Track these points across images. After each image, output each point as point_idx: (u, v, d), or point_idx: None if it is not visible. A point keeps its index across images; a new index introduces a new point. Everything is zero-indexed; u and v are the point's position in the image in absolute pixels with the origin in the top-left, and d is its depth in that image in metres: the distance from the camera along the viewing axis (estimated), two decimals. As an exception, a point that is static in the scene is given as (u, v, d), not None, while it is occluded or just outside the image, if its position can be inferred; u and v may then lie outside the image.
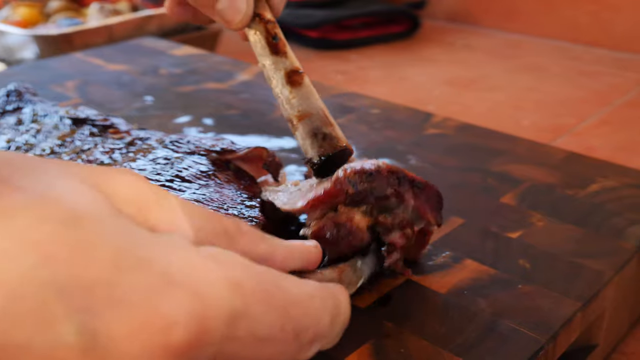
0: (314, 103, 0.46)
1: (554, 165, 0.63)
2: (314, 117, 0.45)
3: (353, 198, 0.41)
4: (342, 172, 0.42)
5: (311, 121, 0.45)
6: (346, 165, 0.43)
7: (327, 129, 0.45)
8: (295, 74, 0.47)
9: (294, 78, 0.47)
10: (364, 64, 1.27)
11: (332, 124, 0.46)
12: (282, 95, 0.47)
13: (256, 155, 0.52)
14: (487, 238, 0.51)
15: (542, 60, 1.29)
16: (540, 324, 0.41)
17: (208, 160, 0.51)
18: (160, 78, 0.89)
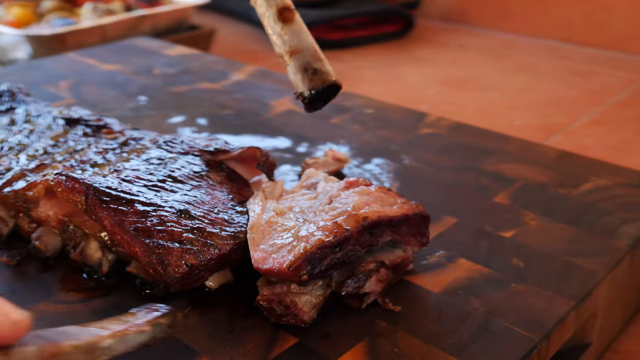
0: (305, 39, 0.45)
1: (547, 164, 0.63)
2: (305, 53, 0.45)
3: (307, 281, 0.41)
4: (303, 247, 0.40)
5: (302, 56, 0.45)
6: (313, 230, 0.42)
7: (317, 64, 0.44)
8: (287, 11, 0.46)
9: (285, 14, 0.46)
10: (358, 64, 1.28)
11: (322, 60, 0.45)
12: (274, 32, 0.46)
13: (250, 155, 0.52)
14: (481, 237, 0.51)
15: (535, 60, 1.30)
16: (533, 323, 0.41)
17: (201, 160, 0.51)
18: (153, 78, 0.89)
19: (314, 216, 0.44)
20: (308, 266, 0.40)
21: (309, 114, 0.75)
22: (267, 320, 0.42)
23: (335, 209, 0.44)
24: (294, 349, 0.40)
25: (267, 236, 0.43)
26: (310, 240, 0.41)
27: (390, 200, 0.45)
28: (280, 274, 0.40)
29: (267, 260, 0.41)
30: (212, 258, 0.43)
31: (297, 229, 0.43)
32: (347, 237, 0.41)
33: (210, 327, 0.42)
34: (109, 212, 0.43)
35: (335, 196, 0.45)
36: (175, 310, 0.43)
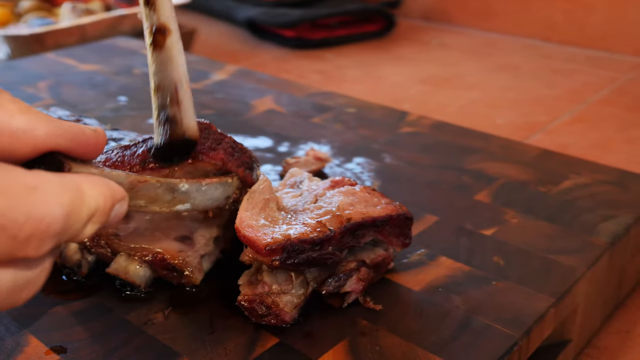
0: (169, 74, 0.38)
1: (527, 162, 0.64)
2: (165, 92, 0.38)
3: (277, 268, 0.40)
4: (285, 235, 0.40)
5: (161, 96, 0.39)
6: (298, 226, 0.41)
7: (172, 110, 0.38)
8: (159, 33, 0.38)
9: (157, 38, 0.38)
10: (340, 63, 1.28)
11: (180, 103, 0.39)
12: (148, 59, 0.39)
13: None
14: (462, 235, 0.51)
15: (516, 58, 1.30)
16: (514, 320, 0.41)
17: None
18: (134, 78, 0.88)
19: (300, 214, 0.43)
20: (284, 254, 0.40)
21: (291, 114, 0.75)
22: (248, 321, 0.42)
23: (320, 208, 0.44)
24: (275, 348, 0.40)
25: (259, 210, 0.43)
26: (292, 231, 0.41)
27: (375, 200, 0.45)
28: (255, 248, 0.40)
29: (249, 229, 0.41)
30: (227, 137, 0.43)
31: (282, 221, 0.43)
32: (329, 237, 0.41)
33: (191, 327, 0.42)
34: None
35: (320, 195, 0.45)
36: (155, 311, 0.43)
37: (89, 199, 0.28)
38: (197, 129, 0.40)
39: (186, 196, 0.38)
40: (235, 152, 0.43)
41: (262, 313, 0.41)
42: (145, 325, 0.42)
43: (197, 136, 0.40)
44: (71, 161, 0.31)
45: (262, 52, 1.36)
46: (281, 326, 0.41)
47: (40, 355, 0.39)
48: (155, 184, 0.35)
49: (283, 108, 0.78)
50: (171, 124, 0.39)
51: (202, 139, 0.41)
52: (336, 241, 0.41)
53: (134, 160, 0.42)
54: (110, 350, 0.40)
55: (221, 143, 0.42)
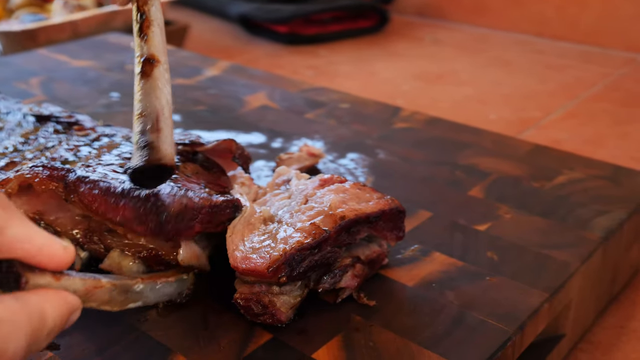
0: (152, 102, 0.40)
1: (520, 158, 0.64)
2: (147, 119, 0.40)
3: (286, 283, 0.40)
4: (282, 248, 0.40)
5: (143, 122, 0.40)
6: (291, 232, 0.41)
7: (151, 136, 0.40)
8: (147, 63, 0.41)
9: (145, 68, 0.41)
10: (333, 59, 1.27)
11: (159, 130, 0.40)
12: (135, 86, 0.42)
13: (225, 148, 0.52)
14: (455, 231, 0.51)
15: (509, 54, 1.31)
16: (507, 315, 0.41)
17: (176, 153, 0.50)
18: (126, 74, 0.88)
19: (291, 217, 0.43)
20: (287, 268, 0.39)
21: (284, 110, 0.75)
22: (242, 317, 0.42)
23: (312, 208, 0.43)
24: (269, 344, 0.40)
25: (246, 237, 0.43)
26: (289, 242, 0.40)
27: (366, 196, 0.45)
28: (259, 274, 0.40)
29: (246, 261, 0.41)
30: (204, 206, 0.42)
31: (275, 230, 0.43)
32: (325, 238, 0.41)
33: (185, 323, 0.42)
34: (92, 185, 0.42)
35: (310, 195, 0.45)
36: (149, 308, 0.43)
37: (50, 322, 0.29)
38: (173, 157, 0.41)
39: (139, 295, 0.39)
40: (214, 217, 0.43)
41: (258, 312, 0.41)
42: (138, 322, 0.42)
43: (173, 163, 0.41)
44: (29, 272, 0.30)
45: (254, 47, 1.36)
46: (275, 323, 0.41)
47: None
48: (111, 287, 0.36)
49: (276, 104, 0.78)
50: (149, 150, 0.40)
51: (178, 222, 0.41)
52: (332, 240, 0.41)
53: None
54: (104, 346, 0.40)
55: (197, 217, 0.43)
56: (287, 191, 0.48)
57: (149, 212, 0.40)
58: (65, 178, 0.43)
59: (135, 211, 0.41)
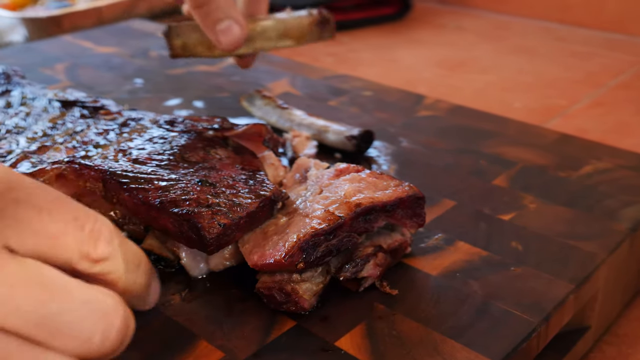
0: None
1: (546, 147, 0.63)
2: None
3: (305, 269, 0.40)
4: (296, 236, 0.40)
5: None
6: (306, 220, 0.41)
7: None
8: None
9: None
10: (354, 46, 1.27)
11: None
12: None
13: (255, 132, 0.52)
14: (480, 220, 0.51)
15: (532, 41, 1.29)
16: (532, 306, 0.41)
17: (205, 138, 0.50)
18: (150, 60, 0.88)
19: (305, 207, 0.43)
20: (303, 254, 0.39)
21: (307, 97, 0.75)
22: (265, 304, 0.42)
23: (327, 197, 0.43)
24: (292, 332, 0.40)
25: (260, 239, 0.43)
26: (302, 230, 0.40)
27: (383, 184, 0.45)
28: (277, 265, 0.40)
29: (263, 256, 0.41)
30: (241, 217, 0.42)
31: (289, 222, 0.43)
32: (340, 224, 0.41)
33: (208, 309, 0.42)
34: (130, 193, 0.42)
35: (326, 185, 0.45)
36: (173, 293, 0.43)
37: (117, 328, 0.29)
38: None
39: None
40: (254, 221, 0.43)
41: (281, 300, 0.41)
42: (162, 307, 0.42)
43: None
44: None
45: (276, 34, 1.35)
46: (299, 311, 0.41)
47: (60, 336, 0.39)
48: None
49: (299, 91, 0.78)
50: None
51: (219, 241, 0.41)
52: (347, 227, 0.41)
53: None
54: (129, 332, 0.40)
55: (236, 230, 0.42)
56: (304, 182, 0.48)
57: (188, 232, 0.41)
58: (104, 180, 0.44)
59: (177, 226, 0.42)
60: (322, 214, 0.41)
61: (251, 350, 0.38)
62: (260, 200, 0.43)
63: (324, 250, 0.40)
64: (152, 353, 0.39)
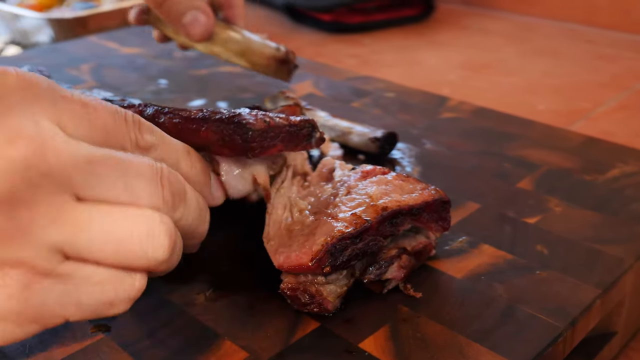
0: None
1: (571, 150, 0.62)
2: None
3: (330, 273, 0.40)
4: (323, 239, 0.40)
5: None
6: (332, 222, 0.41)
7: None
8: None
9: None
10: (377, 48, 1.26)
11: None
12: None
13: (291, 113, 0.52)
14: (504, 223, 0.51)
15: (557, 43, 1.28)
16: (558, 311, 0.41)
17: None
18: (174, 61, 0.89)
19: (332, 208, 0.43)
20: (330, 258, 0.39)
21: (330, 98, 0.75)
22: (289, 305, 0.42)
23: (354, 200, 0.43)
24: (315, 333, 0.40)
25: (286, 238, 0.43)
26: (329, 233, 0.40)
27: (409, 187, 0.44)
28: (303, 268, 0.40)
29: (289, 259, 0.41)
30: (285, 124, 0.42)
31: (315, 223, 0.43)
32: (366, 227, 0.41)
33: (232, 309, 0.42)
34: (172, 114, 0.42)
35: (352, 187, 0.45)
36: (197, 292, 0.44)
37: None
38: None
39: None
40: (293, 137, 0.43)
41: (305, 302, 0.41)
42: (187, 306, 0.42)
43: None
44: None
45: (298, 36, 1.36)
46: (322, 312, 0.41)
47: (86, 332, 0.40)
48: None
49: (322, 92, 0.78)
50: None
51: (262, 139, 0.41)
52: (374, 231, 0.41)
53: None
54: (153, 329, 0.40)
55: (279, 136, 0.42)
56: (329, 182, 0.48)
57: (233, 132, 0.41)
58: (142, 113, 0.43)
59: (219, 133, 0.41)
60: (349, 217, 0.41)
61: (275, 351, 0.38)
62: (304, 119, 0.44)
63: (351, 253, 0.40)
64: (176, 351, 0.39)
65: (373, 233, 0.41)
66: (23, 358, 0.38)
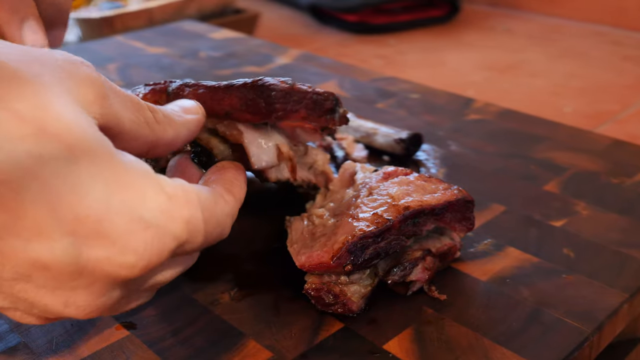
0: None
1: (598, 152, 0.62)
2: None
3: (352, 271, 0.40)
4: (344, 238, 0.40)
5: None
6: (354, 222, 0.41)
7: None
8: None
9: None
10: (402, 49, 1.26)
11: None
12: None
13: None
14: (530, 226, 0.50)
15: (584, 45, 1.26)
16: (584, 315, 0.40)
17: None
18: (199, 61, 0.89)
19: (354, 209, 0.43)
20: (351, 256, 0.39)
21: (355, 99, 0.75)
22: (313, 305, 0.42)
23: (375, 200, 0.43)
24: (340, 333, 0.40)
25: (308, 240, 0.43)
26: (350, 232, 0.40)
27: (432, 187, 0.44)
28: (325, 266, 0.40)
29: (310, 258, 0.41)
30: (308, 91, 0.42)
31: (337, 224, 0.43)
32: (388, 227, 0.40)
33: (257, 309, 0.42)
34: (195, 86, 0.42)
35: (374, 188, 0.45)
36: (222, 291, 0.44)
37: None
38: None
39: None
40: (317, 105, 0.43)
41: (329, 302, 0.41)
42: (211, 305, 0.43)
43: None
44: None
45: (323, 36, 1.36)
46: (346, 312, 0.41)
47: (112, 330, 0.40)
48: None
49: (347, 93, 0.78)
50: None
51: (285, 102, 0.41)
52: (396, 230, 0.41)
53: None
54: (178, 327, 0.41)
55: (302, 102, 0.42)
56: (350, 185, 0.48)
57: (257, 95, 0.40)
58: (167, 89, 0.43)
59: (243, 98, 0.41)
60: (370, 216, 0.41)
61: (299, 351, 0.39)
62: (329, 92, 0.43)
63: (372, 252, 0.40)
64: (200, 350, 0.39)
65: (395, 232, 0.41)
66: (49, 354, 0.39)
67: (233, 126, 0.43)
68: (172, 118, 0.36)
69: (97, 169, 0.27)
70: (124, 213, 0.27)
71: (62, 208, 0.26)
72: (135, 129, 0.33)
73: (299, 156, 0.48)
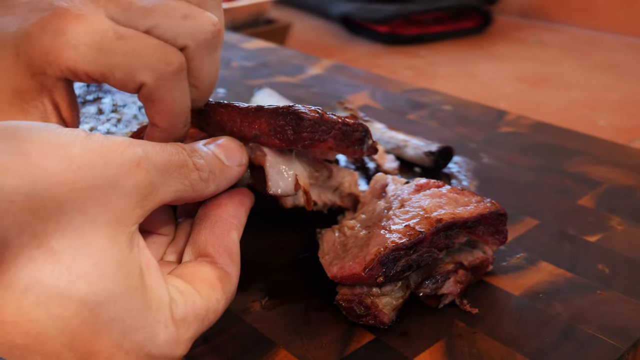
0: None
1: (634, 167, 0.61)
2: None
3: (384, 283, 0.40)
4: (376, 249, 0.40)
5: None
6: (386, 234, 0.41)
7: None
8: None
9: None
10: (433, 60, 1.26)
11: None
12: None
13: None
14: (564, 240, 0.50)
15: (619, 57, 1.25)
16: (620, 331, 0.40)
17: None
18: (232, 71, 0.90)
19: (386, 221, 0.43)
20: (383, 268, 0.39)
21: (386, 110, 0.75)
22: (344, 315, 0.42)
23: (407, 212, 0.43)
24: (370, 345, 0.40)
25: (340, 251, 0.43)
26: (382, 244, 0.40)
27: (464, 200, 0.44)
28: (357, 277, 0.40)
29: (343, 269, 0.41)
30: (338, 122, 0.42)
31: (369, 236, 0.43)
32: (420, 239, 0.40)
33: (287, 318, 0.42)
34: (227, 107, 0.42)
35: (406, 200, 0.45)
36: (253, 300, 0.44)
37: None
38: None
39: None
40: (345, 136, 0.43)
41: (360, 313, 0.41)
42: (242, 313, 0.43)
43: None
44: None
45: (354, 47, 1.36)
46: (377, 324, 0.41)
47: (145, 337, 0.41)
48: None
49: (378, 104, 0.78)
50: None
51: (314, 131, 0.42)
52: (428, 242, 0.41)
53: None
54: (209, 335, 0.41)
55: (330, 132, 0.42)
56: (382, 197, 0.48)
57: (285, 122, 0.40)
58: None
59: (272, 124, 0.41)
60: (402, 228, 0.41)
61: (330, 361, 0.39)
62: (358, 122, 0.43)
63: (404, 264, 0.40)
64: (232, 358, 0.39)
65: (427, 245, 0.41)
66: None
67: (257, 147, 0.43)
68: (215, 172, 0.36)
69: (117, 312, 0.29)
70: (133, 352, 0.29)
71: (78, 343, 0.28)
72: (178, 197, 0.33)
73: (322, 180, 0.48)
